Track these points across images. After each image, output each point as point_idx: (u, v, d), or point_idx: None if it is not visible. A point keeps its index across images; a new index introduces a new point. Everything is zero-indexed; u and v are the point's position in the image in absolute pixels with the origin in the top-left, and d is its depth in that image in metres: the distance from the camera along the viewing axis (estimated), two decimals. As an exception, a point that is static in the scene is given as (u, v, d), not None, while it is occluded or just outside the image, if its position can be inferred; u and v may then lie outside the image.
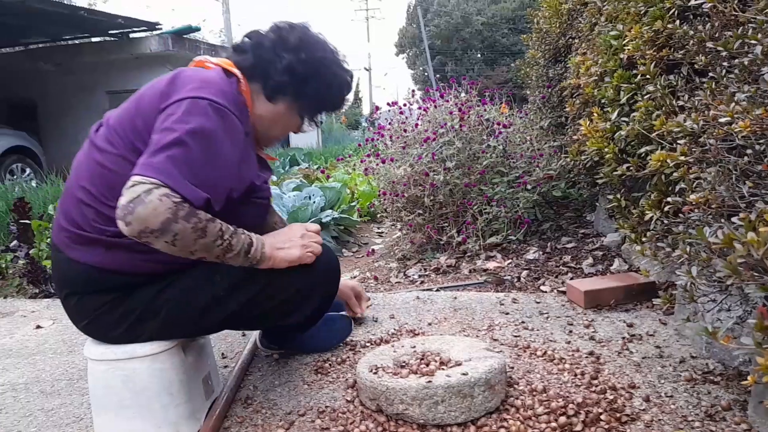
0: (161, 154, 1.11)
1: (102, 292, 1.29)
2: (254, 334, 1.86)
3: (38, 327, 2.34)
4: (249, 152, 1.32)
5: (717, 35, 1.33)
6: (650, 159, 1.35)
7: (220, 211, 1.20)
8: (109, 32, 9.57)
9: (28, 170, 8.57)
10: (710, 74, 1.28)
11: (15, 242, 3.42)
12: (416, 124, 3.46)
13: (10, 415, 1.56)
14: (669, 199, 1.30)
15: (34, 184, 6.67)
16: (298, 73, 1.36)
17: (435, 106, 3.49)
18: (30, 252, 3.27)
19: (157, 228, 1.06)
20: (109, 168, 1.23)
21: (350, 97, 1.57)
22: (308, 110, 1.45)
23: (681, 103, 1.42)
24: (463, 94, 3.54)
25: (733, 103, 1.10)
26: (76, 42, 9.95)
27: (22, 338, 2.21)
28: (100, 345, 1.32)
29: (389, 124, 3.69)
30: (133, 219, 1.05)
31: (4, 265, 3.36)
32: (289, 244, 1.34)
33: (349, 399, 1.47)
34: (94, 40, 10.16)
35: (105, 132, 1.27)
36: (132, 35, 9.58)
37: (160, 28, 9.50)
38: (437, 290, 2.42)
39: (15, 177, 8.17)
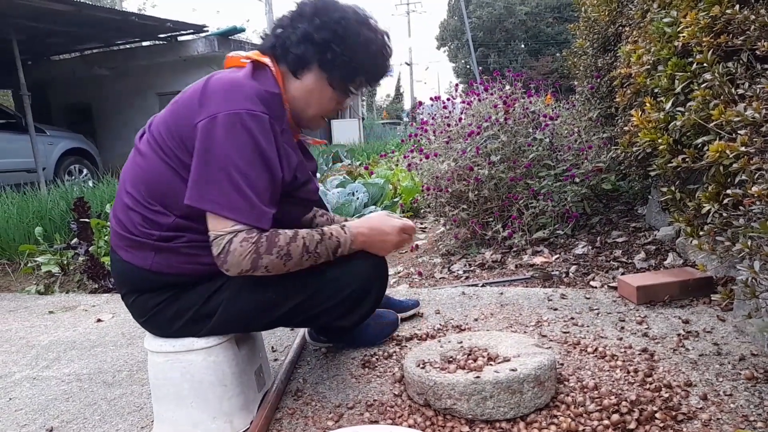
0: (225, 185, 1.18)
1: (155, 292, 1.34)
2: (303, 328, 1.90)
3: (99, 320, 2.46)
4: (285, 149, 1.30)
5: (780, 19, 1.26)
6: (707, 150, 1.30)
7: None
8: (159, 36, 9.90)
9: (85, 171, 8.99)
10: (773, 60, 1.22)
11: (75, 240, 3.60)
12: (460, 119, 3.44)
13: (76, 403, 1.65)
14: (728, 191, 1.25)
15: (90, 184, 6.98)
16: (317, 41, 1.29)
17: (479, 100, 3.45)
18: (89, 249, 3.44)
19: (249, 267, 1.20)
20: (150, 172, 1.27)
21: (389, 63, 1.41)
22: (338, 79, 1.35)
23: (741, 91, 1.35)
24: (507, 87, 3.49)
25: (799, 90, 1.04)
26: (128, 46, 10.34)
27: (85, 331, 2.33)
28: (159, 337, 1.38)
29: (432, 118, 3.68)
30: (228, 267, 1.20)
31: (65, 262, 3.54)
32: (380, 246, 1.42)
33: (396, 393, 1.48)
34: (144, 44, 10.53)
35: (147, 137, 1.31)
36: (180, 38, 9.88)
37: (207, 31, 9.76)
38: (483, 286, 2.40)
39: (73, 177, 8.59)
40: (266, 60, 1.34)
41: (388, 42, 1.38)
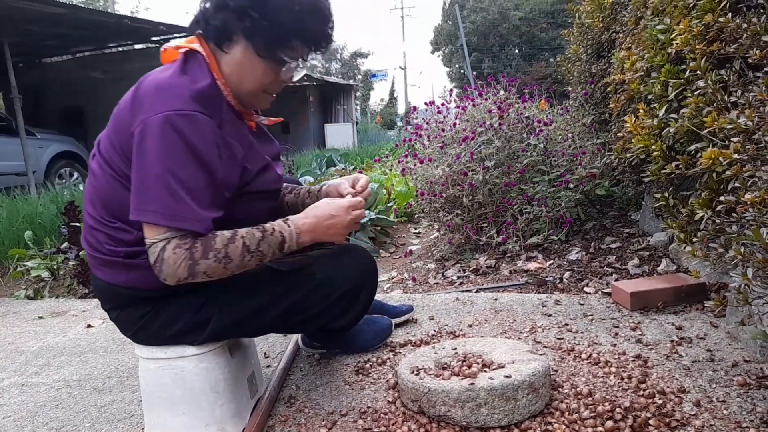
0: (158, 191, 1.12)
1: (136, 307, 1.32)
2: (296, 335, 1.89)
3: (89, 326, 2.44)
4: (228, 143, 1.23)
5: (773, 27, 1.27)
6: (700, 157, 1.30)
7: (221, 218, 1.19)
8: (152, 39, 9.87)
9: (75, 174, 8.93)
10: (765, 69, 1.23)
11: (66, 244, 3.56)
12: (454, 124, 3.44)
13: (66, 410, 1.62)
14: (721, 198, 1.25)
15: (81, 187, 6.92)
16: (233, 8, 1.20)
17: (473, 105, 3.46)
18: (80, 253, 3.40)
19: (187, 275, 1.15)
20: (104, 191, 1.25)
21: (328, 24, 1.28)
22: (263, 47, 1.23)
23: (733, 99, 1.36)
24: (502, 92, 3.50)
25: (792, 98, 1.05)
26: (121, 49, 10.30)
27: (75, 337, 2.30)
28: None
29: (426, 123, 3.68)
30: (165, 276, 1.15)
31: (55, 266, 3.51)
32: (333, 230, 1.31)
33: (390, 400, 1.47)
34: (137, 47, 10.50)
35: (97, 157, 1.28)
36: (173, 41, 9.87)
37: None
38: (477, 291, 2.40)
39: (64, 181, 8.53)
40: (195, 45, 1.26)
41: (317, 1, 1.25)
